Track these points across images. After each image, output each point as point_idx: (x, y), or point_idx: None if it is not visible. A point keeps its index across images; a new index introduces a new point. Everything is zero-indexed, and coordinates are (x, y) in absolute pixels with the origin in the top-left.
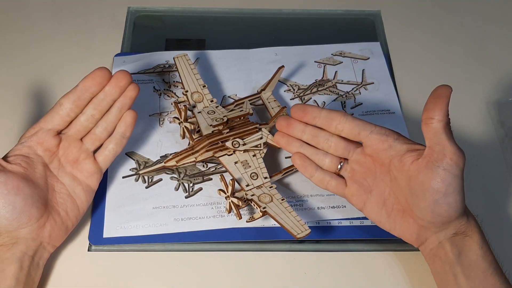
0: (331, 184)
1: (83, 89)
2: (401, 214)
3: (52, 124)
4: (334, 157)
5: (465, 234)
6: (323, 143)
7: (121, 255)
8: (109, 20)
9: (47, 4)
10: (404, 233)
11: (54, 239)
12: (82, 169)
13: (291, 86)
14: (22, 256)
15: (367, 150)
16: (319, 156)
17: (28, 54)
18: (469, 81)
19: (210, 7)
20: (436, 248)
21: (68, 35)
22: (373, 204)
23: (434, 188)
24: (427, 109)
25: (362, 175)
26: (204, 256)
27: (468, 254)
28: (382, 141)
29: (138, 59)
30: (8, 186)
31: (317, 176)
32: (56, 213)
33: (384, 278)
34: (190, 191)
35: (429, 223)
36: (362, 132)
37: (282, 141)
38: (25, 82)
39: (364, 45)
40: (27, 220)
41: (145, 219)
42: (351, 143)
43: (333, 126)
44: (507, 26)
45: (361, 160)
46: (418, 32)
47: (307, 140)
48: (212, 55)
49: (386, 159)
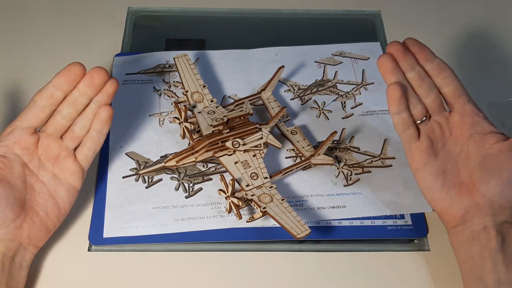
0: (410, 130)
1: (55, 87)
2: (457, 187)
3: (27, 122)
4: (424, 108)
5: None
6: (425, 90)
7: (121, 255)
8: (109, 20)
9: (47, 4)
10: (451, 207)
11: (34, 240)
12: (63, 168)
13: (291, 86)
14: (1, 257)
15: (456, 117)
16: (414, 99)
17: (28, 54)
18: (469, 81)
19: (210, 7)
20: (478, 231)
21: (68, 35)
22: (433, 168)
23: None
24: None
25: (436, 138)
26: (204, 256)
27: (511, 245)
28: (475, 115)
29: (138, 59)
30: None
31: (403, 116)
32: (34, 214)
33: (384, 278)
34: (190, 191)
35: (489, 202)
36: (462, 96)
37: (388, 65)
38: (25, 82)
39: (364, 45)
40: (1, 221)
41: (145, 219)
42: (443, 105)
43: (441, 77)
44: (507, 26)
45: (443, 124)
46: (418, 32)
47: (412, 78)
48: (212, 55)
49: (467, 132)
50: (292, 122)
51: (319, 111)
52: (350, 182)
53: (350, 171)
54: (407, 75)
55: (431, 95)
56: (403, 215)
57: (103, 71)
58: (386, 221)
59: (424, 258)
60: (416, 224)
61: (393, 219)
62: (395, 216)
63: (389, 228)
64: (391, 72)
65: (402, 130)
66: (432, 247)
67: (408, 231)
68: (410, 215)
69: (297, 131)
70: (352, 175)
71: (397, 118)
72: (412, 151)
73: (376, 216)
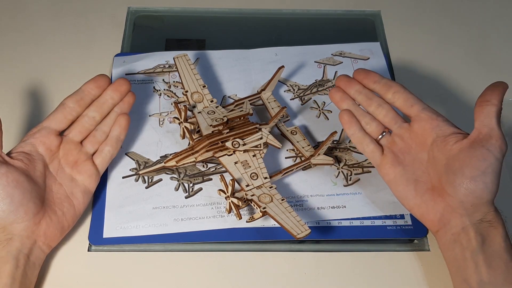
0: (369, 147)
1: (86, 91)
2: (429, 193)
3: (55, 123)
4: (380, 125)
5: (490, 223)
6: (374, 108)
7: (121, 255)
8: (109, 20)
9: (47, 4)
10: (427, 212)
11: (49, 238)
12: (81, 171)
13: (291, 86)
14: (17, 254)
15: (415, 126)
16: (367, 119)
17: (28, 54)
18: (469, 81)
19: (210, 7)
20: (458, 233)
21: (68, 35)
22: (403, 178)
23: (474, 165)
24: (484, 94)
25: (400, 150)
26: (204, 256)
27: (492, 244)
28: (432, 120)
29: (138, 59)
30: (8, 178)
31: (358, 136)
32: (52, 212)
33: (384, 278)
34: (190, 191)
35: (459, 202)
36: (415, 105)
37: (336, 96)
38: (25, 82)
39: (364, 45)
40: (23, 214)
41: (145, 219)
42: (399, 117)
43: (390, 93)
44: (507, 26)
45: (404, 135)
46: (418, 32)
47: (361, 101)
48: (212, 55)
49: (429, 138)
50: (292, 122)
51: (319, 111)
52: (350, 182)
53: (350, 171)
54: (356, 99)
55: (382, 111)
56: (403, 215)
57: (127, 81)
58: (386, 221)
59: (424, 258)
60: (416, 224)
61: (393, 219)
62: (395, 216)
63: (389, 228)
64: (340, 101)
65: (362, 148)
66: (432, 247)
67: (408, 231)
68: (410, 215)
69: (297, 131)
70: (352, 175)
71: (354, 138)
72: (379, 165)
73: (376, 216)
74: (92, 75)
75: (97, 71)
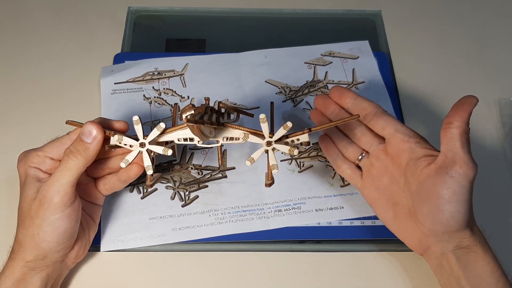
0: (347, 173)
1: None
2: (407, 218)
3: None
4: (357, 147)
5: (468, 249)
6: (349, 130)
7: (121, 255)
8: (109, 20)
9: (47, 4)
10: (407, 237)
11: (78, 257)
12: (95, 197)
13: (282, 88)
14: (47, 279)
15: (389, 148)
16: (344, 143)
17: (28, 54)
18: (470, 81)
19: (210, 7)
20: (440, 258)
21: (68, 35)
22: (382, 202)
23: (439, 194)
24: (448, 115)
25: (378, 172)
26: (204, 256)
27: (474, 270)
28: (404, 142)
29: (126, 68)
30: (78, 213)
31: (337, 161)
32: (83, 234)
33: (384, 278)
34: (186, 200)
35: (429, 231)
36: (387, 128)
37: (315, 119)
38: (25, 82)
39: (353, 44)
40: (69, 245)
41: (142, 230)
42: (376, 138)
43: (361, 115)
44: (507, 26)
45: (381, 156)
46: (419, 32)
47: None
48: (201, 60)
49: (403, 161)
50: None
51: None
52: (346, 183)
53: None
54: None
55: (357, 133)
56: None
57: None
58: None
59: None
60: None
61: None
62: None
63: None
64: (318, 124)
65: (342, 172)
66: None
67: None
68: None
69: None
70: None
71: (333, 164)
72: (360, 188)
73: (376, 216)
74: (92, 74)
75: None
